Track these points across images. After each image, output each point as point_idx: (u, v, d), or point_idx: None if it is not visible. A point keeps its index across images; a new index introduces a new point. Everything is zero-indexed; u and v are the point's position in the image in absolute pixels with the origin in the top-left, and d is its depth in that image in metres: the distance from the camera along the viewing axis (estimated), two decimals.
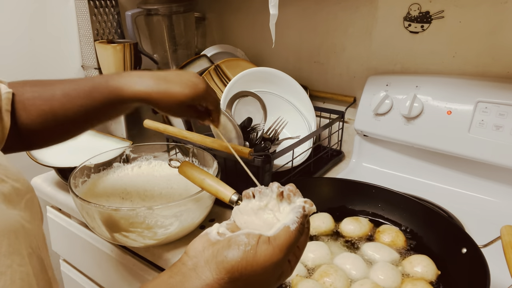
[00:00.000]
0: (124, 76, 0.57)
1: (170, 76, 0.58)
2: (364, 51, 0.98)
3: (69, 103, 0.57)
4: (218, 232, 0.41)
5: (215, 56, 1.13)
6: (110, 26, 1.10)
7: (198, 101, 0.59)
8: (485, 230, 0.62)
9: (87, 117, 0.58)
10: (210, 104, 0.62)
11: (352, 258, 0.61)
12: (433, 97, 0.84)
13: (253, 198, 0.44)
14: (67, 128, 0.60)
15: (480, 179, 0.84)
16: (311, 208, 0.41)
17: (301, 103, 0.99)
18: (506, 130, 0.76)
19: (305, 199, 0.42)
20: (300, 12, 1.06)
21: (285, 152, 0.81)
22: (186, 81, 0.58)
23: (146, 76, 0.57)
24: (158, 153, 0.89)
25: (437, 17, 0.85)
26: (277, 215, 0.42)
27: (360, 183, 0.74)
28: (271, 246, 0.37)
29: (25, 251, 0.35)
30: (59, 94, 0.57)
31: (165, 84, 0.56)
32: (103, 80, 0.57)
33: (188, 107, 0.60)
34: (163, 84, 0.56)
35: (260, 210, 0.43)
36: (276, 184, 0.43)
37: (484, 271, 0.51)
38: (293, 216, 0.39)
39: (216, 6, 1.24)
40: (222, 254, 0.37)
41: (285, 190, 0.42)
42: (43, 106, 0.56)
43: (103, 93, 0.56)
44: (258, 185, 0.45)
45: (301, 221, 0.39)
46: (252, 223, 0.42)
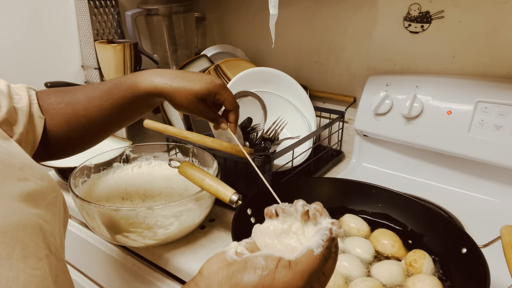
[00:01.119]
0: (142, 73, 0.59)
1: (186, 73, 0.59)
2: (364, 51, 0.98)
3: (90, 104, 0.58)
4: (236, 252, 0.38)
5: (215, 56, 1.12)
6: (110, 26, 1.10)
7: (214, 94, 0.59)
8: (485, 230, 0.62)
9: (107, 117, 0.59)
10: (228, 103, 0.62)
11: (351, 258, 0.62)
12: (433, 97, 0.84)
13: (276, 217, 0.40)
14: (90, 131, 0.60)
15: (480, 179, 0.84)
16: (338, 230, 0.37)
17: (301, 103, 0.99)
18: (506, 130, 0.76)
19: (333, 220, 0.38)
20: (300, 12, 1.06)
21: (285, 152, 0.81)
22: (203, 78, 0.59)
23: (163, 71, 0.59)
24: (158, 153, 0.89)
25: (437, 17, 0.85)
26: (301, 239, 0.39)
27: (360, 183, 0.74)
28: (291, 271, 0.34)
29: (42, 253, 0.34)
30: (80, 97, 0.59)
31: (182, 79, 0.57)
32: (123, 78, 0.59)
33: (203, 103, 0.59)
34: (179, 79, 0.57)
35: (283, 234, 0.39)
36: (301, 202, 0.40)
37: (484, 271, 0.51)
38: (318, 239, 0.36)
39: (216, 6, 1.24)
40: (237, 277, 0.35)
41: (310, 210, 0.39)
42: (66, 109, 0.58)
43: (121, 90, 0.58)
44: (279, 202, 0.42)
45: (327, 245, 0.36)
46: (273, 247, 0.39)
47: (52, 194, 0.41)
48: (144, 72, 0.59)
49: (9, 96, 0.52)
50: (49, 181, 0.42)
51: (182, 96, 0.57)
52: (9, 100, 0.52)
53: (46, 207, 0.38)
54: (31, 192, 0.37)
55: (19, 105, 0.53)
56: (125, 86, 0.58)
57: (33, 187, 0.38)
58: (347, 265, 0.60)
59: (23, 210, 0.35)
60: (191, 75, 0.59)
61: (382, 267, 0.60)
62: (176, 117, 1.01)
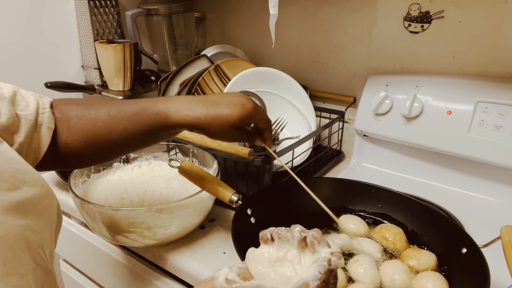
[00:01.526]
0: (173, 101, 0.56)
1: (217, 99, 0.57)
2: (364, 51, 0.98)
3: (114, 125, 0.55)
4: (227, 279, 0.36)
5: (215, 56, 1.12)
6: (110, 26, 1.10)
7: (247, 120, 0.58)
8: (485, 230, 0.62)
9: (130, 140, 0.57)
10: (261, 122, 0.60)
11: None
12: (433, 97, 0.84)
13: (272, 242, 0.38)
14: (107, 150, 0.58)
15: (480, 179, 0.84)
16: (338, 262, 0.35)
17: (301, 103, 0.99)
18: (506, 130, 0.76)
19: (332, 250, 0.35)
20: (300, 12, 1.06)
21: (285, 152, 0.81)
22: (234, 102, 0.57)
23: (193, 101, 0.56)
24: (158, 153, 0.89)
25: (437, 17, 0.85)
26: (297, 269, 0.36)
27: (360, 183, 0.74)
28: None
29: (27, 268, 0.33)
30: (104, 115, 0.56)
31: (214, 108, 0.55)
32: (152, 103, 0.56)
33: (238, 129, 0.58)
34: (211, 108, 0.55)
35: (278, 262, 0.37)
36: (298, 228, 0.37)
37: (484, 271, 0.51)
38: (315, 271, 0.34)
39: (216, 6, 1.24)
40: None
41: (308, 237, 0.36)
42: (87, 125, 0.55)
43: (149, 117, 0.55)
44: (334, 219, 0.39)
45: (324, 277, 0.34)
46: (267, 276, 0.37)
47: (45, 201, 0.39)
48: (174, 101, 0.56)
49: (13, 102, 0.50)
50: (43, 187, 0.40)
51: (216, 128, 0.55)
52: (11, 107, 0.49)
53: (37, 215, 0.37)
54: (21, 201, 0.35)
55: (24, 112, 0.51)
56: (154, 115, 0.55)
57: (24, 195, 0.36)
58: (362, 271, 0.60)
59: (7, 223, 0.33)
60: (222, 101, 0.56)
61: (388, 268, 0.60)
62: None
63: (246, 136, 0.61)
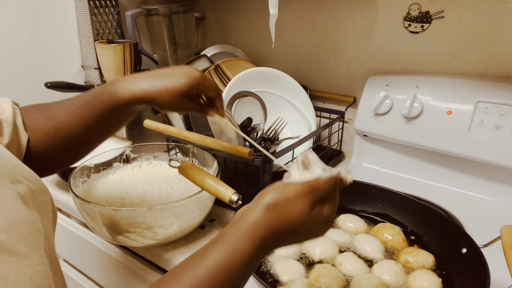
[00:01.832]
0: (120, 80, 0.57)
1: (164, 71, 0.58)
2: (364, 51, 0.98)
3: (71, 118, 0.56)
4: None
5: (215, 56, 1.13)
6: (110, 26, 1.10)
7: (195, 88, 0.58)
8: (485, 230, 0.62)
9: (91, 130, 0.57)
10: (210, 91, 0.61)
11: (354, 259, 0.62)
12: (433, 97, 0.84)
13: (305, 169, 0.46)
14: (73, 146, 0.59)
15: (480, 179, 0.84)
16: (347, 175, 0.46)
17: (301, 103, 0.99)
18: (506, 130, 0.76)
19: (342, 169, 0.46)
20: (300, 12, 1.06)
21: (285, 152, 0.81)
22: (181, 72, 0.58)
23: (140, 76, 0.57)
24: (158, 153, 0.89)
25: (437, 17, 0.85)
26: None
27: (360, 183, 0.74)
28: (300, 184, 0.43)
29: (42, 250, 0.35)
30: (60, 111, 0.57)
31: (160, 79, 0.56)
32: (101, 87, 0.57)
33: (187, 98, 0.59)
34: (158, 80, 0.56)
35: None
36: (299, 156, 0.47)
37: (484, 271, 0.51)
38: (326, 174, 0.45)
39: (216, 6, 1.24)
40: (261, 196, 0.42)
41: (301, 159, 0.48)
42: (46, 124, 0.56)
43: (101, 101, 0.56)
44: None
45: (332, 175, 0.44)
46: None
47: (41, 196, 0.41)
48: (121, 80, 0.57)
49: None
50: (39, 183, 0.41)
51: (165, 98, 0.56)
52: None
53: (37, 209, 0.38)
54: (24, 194, 0.37)
55: (3, 116, 0.52)
56: (104, 98, 0.56)
57: (25, 189, 0.38)
58: (349, 268, 0.60)
59: (21, 209, 0.35)
60: (168, 73, 0.58)
61: (380, 269, 0.60)
62: (176, 117, 1.01)
63: (197, 105, 0.62)
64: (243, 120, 0.85)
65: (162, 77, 0.57)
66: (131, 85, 0.56)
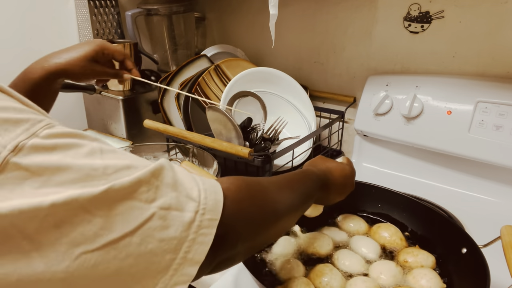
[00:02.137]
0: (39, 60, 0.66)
1: (71, 46, 0.67)
2: (364, 51, 0.98)
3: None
4: None
5: (215, 56, 1.13)
6: (110, 26, 1.10)
7: (100, 52, 0.66)
8: (485, 230, 0.62)
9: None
10: (117, 53, 0.69)
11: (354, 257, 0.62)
12: (433, 97, 0.84)
13: None
14: None
15: (480, 179, 0.84)
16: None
17: (301, 103, 0.99)
18: (506, 130, 0.76)
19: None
20: (300, 12, 1.06)
21: (285, 152, 0.81)
22: (85, 43, 0.67)
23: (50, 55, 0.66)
24: (158, 153, 0.89)
25: (437, 17, 0.85)
26: None
27: (360, 183, 0.74)
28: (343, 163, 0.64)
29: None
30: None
31: (67, 53, 0.65)
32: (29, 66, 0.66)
33: (97, 63, 0.66)
34: (65, 54, 0.65)
35: None
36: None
37: (484, 271, 0.51)
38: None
39: (216, 6, 1.24)
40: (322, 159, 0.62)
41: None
42: None
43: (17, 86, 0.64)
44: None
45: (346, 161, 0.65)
46: None
47: None
48: (40, 59, 0.65)
49: None
50: None
51: (75, 67, 0.63)
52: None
53: None
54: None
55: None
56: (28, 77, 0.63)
57: None
58: (347, 264, 0.60)
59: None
60: (74, 46, 0.66)
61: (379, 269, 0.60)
62: (176, 117, 1.01)
63: (111, 70, 0.70)
64: (243, 120, 0.85)
65: (68, 50, 0.65)
66: (41, 63, 0.64)
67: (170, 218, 0.31)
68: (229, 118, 0.75)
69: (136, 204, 0.30)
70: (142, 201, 0.30)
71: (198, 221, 0.33)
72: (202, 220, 0.33)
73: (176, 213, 0.32)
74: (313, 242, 0.64)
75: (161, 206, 0.31)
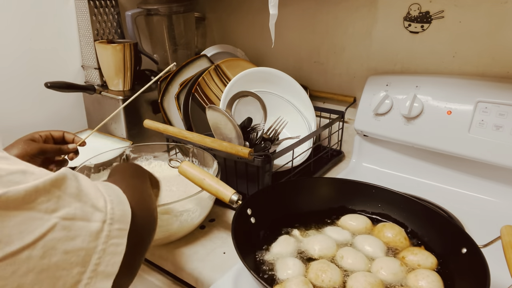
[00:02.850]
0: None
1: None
2: (364, 51, 0.98)
3: None
4: None
5: (215, 56, 1.12)
6: (110, 26, 1.10)
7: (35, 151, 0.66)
8: (485, 230, 0.62)
9: None
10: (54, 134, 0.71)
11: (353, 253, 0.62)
12: (433, 97, 0.84)
13: None
14: None
15: (480, 179, 0.84)
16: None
17: (301, 103, 0.99)
18: (506, 130, 0.76)
19: None
20: (300, 12, 1.06)
21: (285, 152, 0.81)
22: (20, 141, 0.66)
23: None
24: (158, 153, 0.89)
25: (437, 17, 0.85)
26: None
27: (360, 183, 0.74)
28: None
29: None
30: None
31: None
32: None
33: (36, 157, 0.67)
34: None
35: None
36: None
37: (484, 271, 0.51)
38: None
39: (216, 6, 1.24)
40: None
41: None
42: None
43: None
44: None
45: None
46: None
47: None
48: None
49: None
50: None
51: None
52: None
53: None
54: None
55: None
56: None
57: None
58: (350, 262, 0.60)
59: None
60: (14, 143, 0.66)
61: (380, 264, 0.60)
62: (176, 117, 1.01)
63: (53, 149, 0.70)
64: (243, 120, 0.85)
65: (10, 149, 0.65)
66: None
67: (75, 229, 0.29)
68: (229, 118, 0.75)
69: (35, 214, 0.28)
70: (41, 212, 0.28)
71: (106, 231, 0.32)
72: (111, 230, 0.32)
73: (81, 223, 0.30)
74: (317, 246, 0.64)
75: (64, 217, 0.29)
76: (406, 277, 0.58)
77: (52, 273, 0.27)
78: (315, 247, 0.63)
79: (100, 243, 0.31)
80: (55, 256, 0.28)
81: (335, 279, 0.56)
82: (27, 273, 0.26)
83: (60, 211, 0.29)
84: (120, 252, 0.32)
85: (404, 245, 0.65)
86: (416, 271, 0.58)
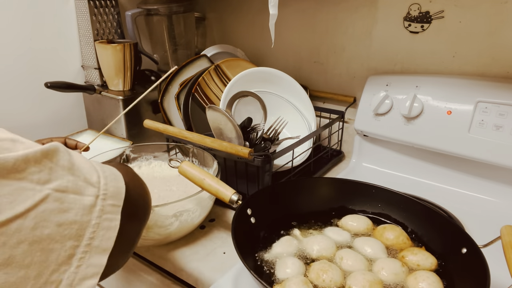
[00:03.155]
0: None
1: None
2: (364, 51, 0.98)
3: None
4: None
5: (215, 56, 1.12)
6: (110, 26, 1.10)
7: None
8: (485, 230, 0.62)
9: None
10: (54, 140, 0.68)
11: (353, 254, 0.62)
12: (433, 97, 0.84)
13: None
14: None
15: (480, 179, 0.84)
16: None
17: (301, 103, 0.99)
18: (506, 130, 0.76)
19: None
20: (300, 12, 1.06)
21: (285, 152, 0.81)
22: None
23: None
24: (158, 153, 0.89)
25: (437, 17, 0.85)
26: None
27: (360, 183, 0.74)
28: None
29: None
30: None
31: None
32: None
33: None
34: None
35: None
36: None
37: (484, 271, 0.51)
38: None
39: (216, 6, 1.24)
40: None
41: None
42: None
43: None
44: None
45: None
46: None
47: None
48: None
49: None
50: None
51: None
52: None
53: None
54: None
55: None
56: None
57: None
58: (350, 263, 0.60)
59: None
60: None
61: (381, 265, 0.60)
62: (176, 117, 1.01)
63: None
64: (243, 120, 0.85)
65: None
66: None
67: (68, 201, 0.29)
68: (229, 118, 0.75)
69: (26, 184, 0.27)
70: (33, 182, 0.28)
71: (100, 205, 0.31)
72: (104, 205, 0.32)
73: (74, 197, 0.30)
74: (316, 246, 0.64)
75: (56, 188, 0.28)
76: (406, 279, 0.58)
77: (44, 245, 0.27)
78: (314, 247, 0.63)
79: (93, 217, 0.30)
80: (47, 228, 0.27)
81: (336, 279, 0.56)
82: (18, 244, 0.26)
83: (53, 182, 0.29)
84: (114, 227, 0.32)
85: (407, 245, 0.65)
86: (415, 272, 0.58)
